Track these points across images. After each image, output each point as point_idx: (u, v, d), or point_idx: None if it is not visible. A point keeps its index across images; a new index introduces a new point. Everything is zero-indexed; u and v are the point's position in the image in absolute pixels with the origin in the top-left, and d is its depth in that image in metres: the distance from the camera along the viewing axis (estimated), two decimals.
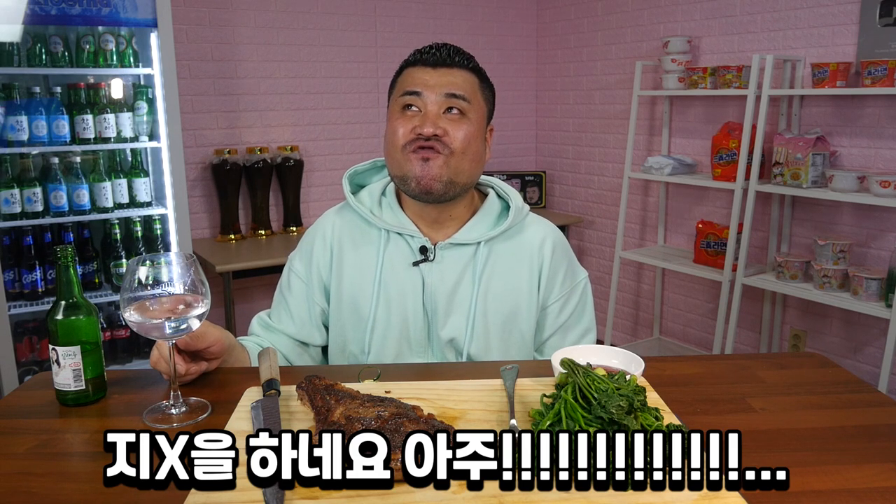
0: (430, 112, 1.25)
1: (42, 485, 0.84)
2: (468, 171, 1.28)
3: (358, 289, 1.34)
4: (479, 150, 1.30)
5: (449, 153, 1.25)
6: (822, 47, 2.89)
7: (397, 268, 1.33)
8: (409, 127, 1.25)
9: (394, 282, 1.32)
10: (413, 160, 1.25)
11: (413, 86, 1.27)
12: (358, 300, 1.33)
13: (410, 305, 1.32)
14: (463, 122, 1.26)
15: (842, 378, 1.15)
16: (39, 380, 1.15)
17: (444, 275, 1.32)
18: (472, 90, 1.28)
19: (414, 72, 1.29)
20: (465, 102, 1.26)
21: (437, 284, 1.31)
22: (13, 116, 2.68)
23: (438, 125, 1.24)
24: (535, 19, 4.29)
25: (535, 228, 1.39)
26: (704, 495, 0.77)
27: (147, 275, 0.97)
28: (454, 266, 1.32)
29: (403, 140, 1.26)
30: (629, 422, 0.81)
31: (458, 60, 1.29)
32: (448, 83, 1.26)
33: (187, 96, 3.30)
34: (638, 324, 3.95)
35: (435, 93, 1.25)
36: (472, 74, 1.30)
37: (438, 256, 1.32)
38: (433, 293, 1.31)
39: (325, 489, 0.77)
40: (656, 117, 3.64)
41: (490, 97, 1.35)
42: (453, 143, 1.25)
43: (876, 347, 2.85)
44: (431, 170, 1.24)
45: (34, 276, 2.81)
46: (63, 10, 2.66)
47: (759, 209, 3.13)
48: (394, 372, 1.17)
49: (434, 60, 1.28)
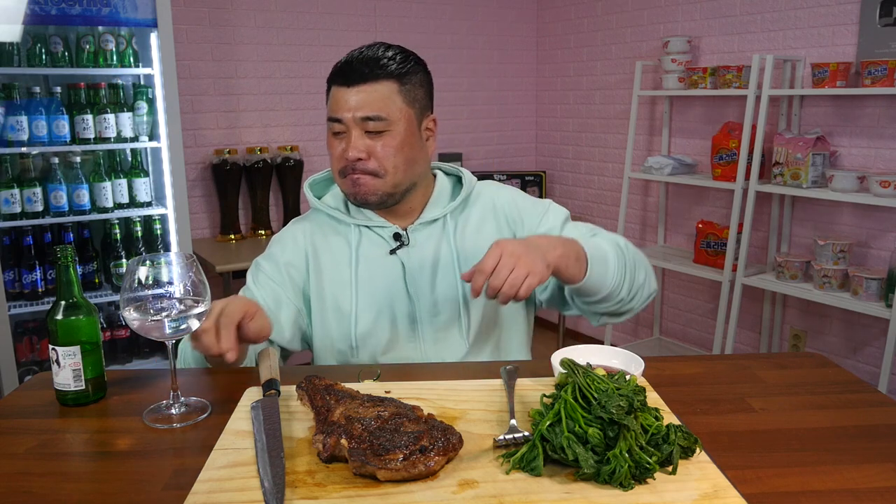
0: (351, 136, 1.27)
1: (42, 485, 0.84)
2: (404, 178, 1.31)
3: (338, 287, 1.36)
4: (411, 154, 1.31)
5: (380, 174, 1.28)
6: (822, 47, 2.89)
7: (374, 260, 1.36)
8: (339, 151, 1.30)
9: (373, 274, 1.35)
10: (347, 183, 1.31)
11: (333, 111, 1.29)
12: (339, 298, 1.35)
13: (393, 293, 1.34)
14: (385, 136, 1.27)
15: (842, 378, 1.15)
16: (39, 380, 1.15)
17: (423, 255, 1.36)
18: (388, 103, 1.27)
19: (334, 92, 1.29)
20: (382, 121, 1.26)
21: (418, 266, 1.35)
22: (13, 116, 2.68)
23: (360, 149, 1.27)
24: (535, 19, 4.29)
25: (490, 189, 1.45)
26: (704, 495, 0.77)
27: (147, 275, 0.97)
28: (429, 244, 1.36)
29: (337, 165, 1.31)
30: (629, 422, 0.81)
31: (369, 73, 1.26)
32: (362, 104, 1.26)
33: (187, 96, 3.29)
34: (638, 324, 3.95)
35: (352, 116, 1.26)
36: (388, 82, 1.27)
37: (412, 240, 1.36)
38: (414, 276, 1.34)
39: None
40: (656, 117, 3.64)
41: (418, 94, 1.32)
42: (378, 164, 1.28)
43: (876, 347, 2.85)
44: (364, 189, 1.29)
45: (34, 276, 2.81)
46: (63, 10, 2.66)
47: (759, 209, 3.13)
48: (394, 372, 1.17)
49: (347, 79, 1.27)
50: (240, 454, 0.86)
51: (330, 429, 0.85)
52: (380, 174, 1.29)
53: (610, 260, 1.24)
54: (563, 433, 0.81)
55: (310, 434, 0.90)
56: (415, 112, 1.32)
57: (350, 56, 1.29)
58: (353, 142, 1.27)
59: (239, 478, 0.80)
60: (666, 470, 0.81)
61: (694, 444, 0.84)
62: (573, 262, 1.18)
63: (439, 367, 1.25)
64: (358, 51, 1.30)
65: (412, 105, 1.31)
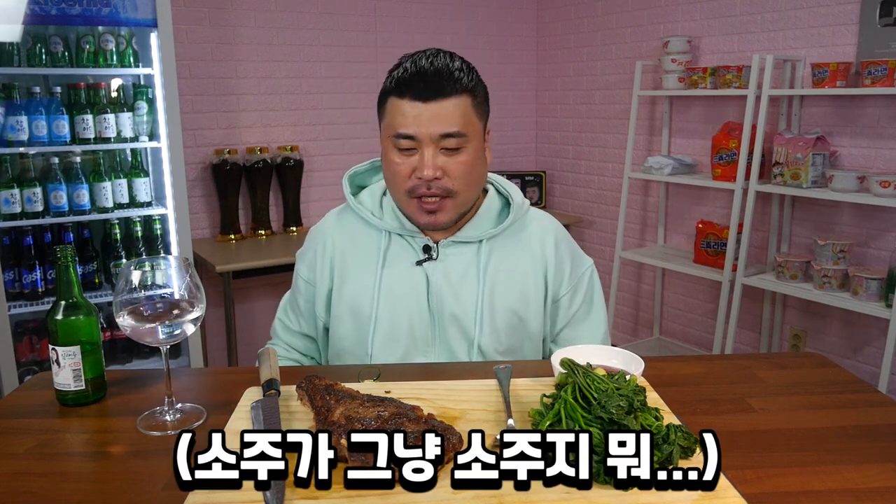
0: (424, 154, 1.19)
1: (42, 485, 0.84)
2: (472, 196, 1.28)
3: (360, 291, 1.32)
4: (481, 171, 1.27)
5: (453, 194, 1.22)
6: (822, 47, 2.89)
7: (400, 268, 1.31)
8: (408, 169, 1.21)
9: (397, 282, 1.31)
10: (418, 211, 1.24)
11: (404, 127, 1.19)
12: (359, 302, 1.32)
13: (415, 305, 1.30)
14: (461, 154, 1.21)
15: (842, 378, 1.15)
16: (39, 380, 1.15)
17: (449, 272, 1.30)
18: (466, 118, 1.20)
19: (402, 106, 1.19)
20: (461, 138, 1.20)
21: (442, 282, 1.30)
22: (13, 116, 2.68)
23: (437, 166, 1.19)
24: (535, 19, 4.29)
25: (536, 224, 1.37)
26: (704, 495, 0.77)
27: (141, 279, 0.95)
28: (458, 264, 1.31)
29: (405, 185, 1.23)
30: (629, 422, 0.81)
31: (447, 87, 1.18)
32: (441, 120, 1.18)
33: (187, 96, 3.29)
34: (638, 324, 3.95)
35: (428, 134, 1.18)
36: (464, 97, 1.20)
37: (441, 254, 1.31)
38: (438, 291, 1.30)
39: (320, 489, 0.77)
40: (656, 117, 3.64)
41: (485, 106, 1.27)
42: (455, 183, 1.21)
43: (876, 347, 2.85)
44: (439, 219, 1.24)
45: (34, 276, 2.81)
46: (63, 10, 2.65)
47: (759, 209, 3.13)
48: (394, 372, 1.17)
49: (421, 93, 1.17)
50: None
51: (331, 429, 0.85)
52: (452, 194, 1.22)
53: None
54: None
55: None
56: (483, 125, 1.27)
57: (419, 67, 1.18)
58: (429, 160, 1.19)
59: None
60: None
61: (694, 444, 0.84)
62: None
63: (440, 367, 1.25)
64: (425, 60, 1.19)
65: (482, 119, 1.26)
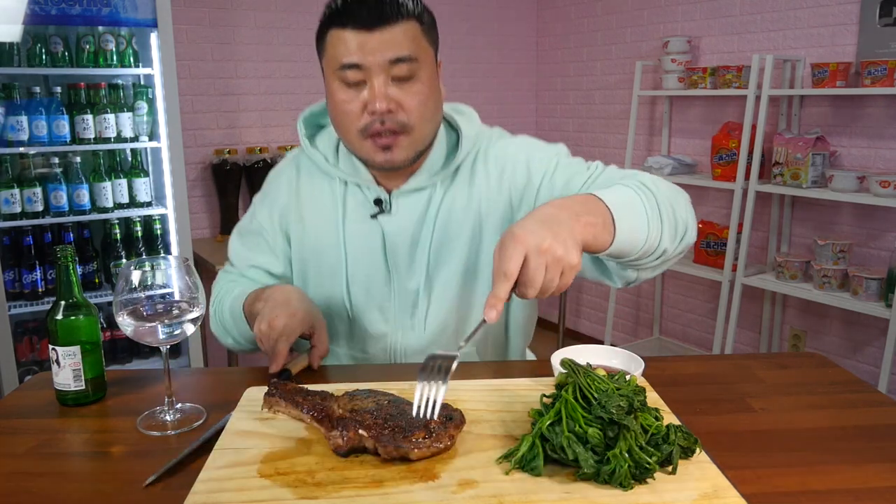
0: (375, 85, 1.07)
1: (42, 485, 0.83)
2: (431, 131, 1.16)
3: (323, 239, 1.24)
4: (436, 102, 1.15)
5: (409, 129, 1.11)
6: (822, 47, 2.89)
7: (358, 219, 1.23)
8: (358, 106, 1.10)
9: (355, 234, 1.23)
10: (373, 150, 1.13)
11: (348, 56, 1.07)
12: (323, 252, 1.24)
13: (372, 260, 1.23)
14: (414, 83, 1.10)
15: (842, 378, 1.15)
16: (39, 380, 1.15)
17: (402, 226, 1.21)
18: (416, 43, 1.09)
19: (345, 36, 1.07)
20: (413, 63, 1.08)
21: (397, 237, 1.21)
22: (13, 116, 2.68)
23: (390, 98, 1.08)
24: (535, 19, 4.29)
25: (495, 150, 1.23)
26: (704, 495, 0.77)
27: (141, 279, 0.95)
28: (411, 215, 1.21)
29: (357, 124, 1.11)
30: (629, 422, 0.81)
31: (392, 14, 1.07)
32: (389, 45, 1.06)
33: (187, 96, 3.29)
34: (638, 324, 3.95)
35: (377, 61, 1.06)
36: (412, 22, 1.09)
37: (394, 206, 1.21)
38: (394, 246, 1.22)
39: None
40: (656, 117, 3.64)
41: (434, 34, 1.15)
42: (410, 116, 1.10)
43: (876, 347, 2.85)
44: (395, 156, 1.13)
45: (34, 276, 2.81)
46: (63, 10, 2.66)
47: (758, 209, 3.13)
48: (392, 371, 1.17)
49: (364, 21, 1.06)
50: (240, 454, 0.86)
51: (343, 423, 0.85)
52: (408, 129, 1.10)
53: (636, 208, 0.99)
54: (563, 433, 0.81)
55: (308, 434, 0.90)
56: (433, 54, 1.15)
57: None
58: (380, 89, 1.07)
59: (239, 478, 0.80)
60: (666, 470, 0.81)
61: (694, 444, 0.84)
62: (601, 230, 0.92)
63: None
64: None
65: (433, 46, 1.14)
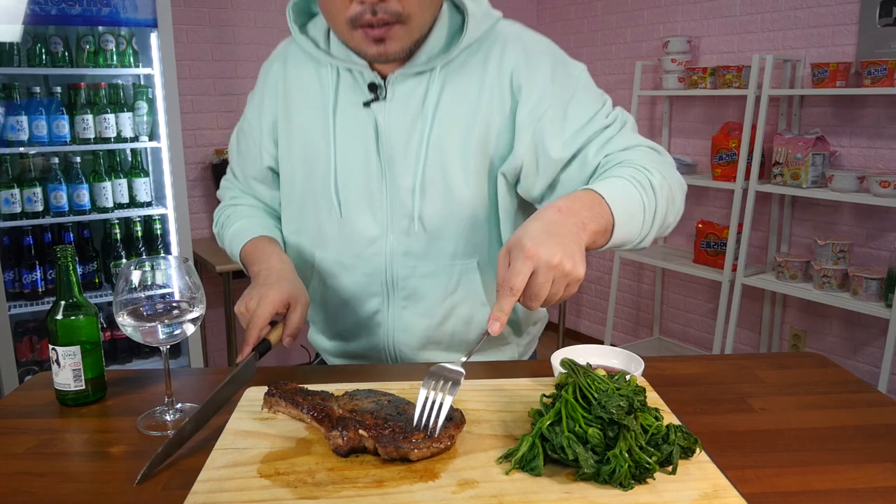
0: None
1: (42, 485, 0.83)
2: (429, 17, 1.06)
3: (311, 131, 1.16)
4: None
5: (405, 18, 1.01)
6: (822, 47, 2.89)
7: (351, 109, 1.13)
8: None
9: (347, 125, 1.14)
10: (364, 41, 1.03)
11: None
12: (312, 145, 1.16)
13: (364, 153, 1.13)
14: None
15: (842, 378, 1.15)
16: (39, 380, 1.15)
17: (399, 114, 1.11)
18: None
19: None
20: None
21: (391, 127, 1.11)
22: (13, 116, 2.68)
23: None
24: (535, 20, 4.29)
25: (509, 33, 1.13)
26: (704, 495, 0.77)
27: (141, 279, 0.95)
28: (408, 102, 1.11)
29: (346, 13, 1.00)
30: (629, 422, 0.81)
31: None
32: None
33: (187, 96, 3.30)
34: (638, 324, 3.95)
35: None
36: None
37: (390, 93, 1.11)
38: (388, 137, 1.12)
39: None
40: (656, 117, 3.64)
41: None
42: (405, 5, 0.99)
43: (876, 347, 2.85)
44: (389, 48, 1.03)
45: (34, 276, 2.81)
46: (63, 10, 2.66)
47: (758, 209, 3.13)
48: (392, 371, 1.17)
49: None
50: (240, 454, 0.86)
51: (343, 423, 0.85)
52: (403, 18, 1.00)
53: (636, 216, 1.01)
54: (563, 433, 0.81)
55: (309, 434, 0.90)
56: None
57: None
58: None
59: (239, 478, 0.80)
60: (666, 470, 0.81)
61: (694, 444, 0.84)
62: (600, 236, 0.98)
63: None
64: None
65: None
